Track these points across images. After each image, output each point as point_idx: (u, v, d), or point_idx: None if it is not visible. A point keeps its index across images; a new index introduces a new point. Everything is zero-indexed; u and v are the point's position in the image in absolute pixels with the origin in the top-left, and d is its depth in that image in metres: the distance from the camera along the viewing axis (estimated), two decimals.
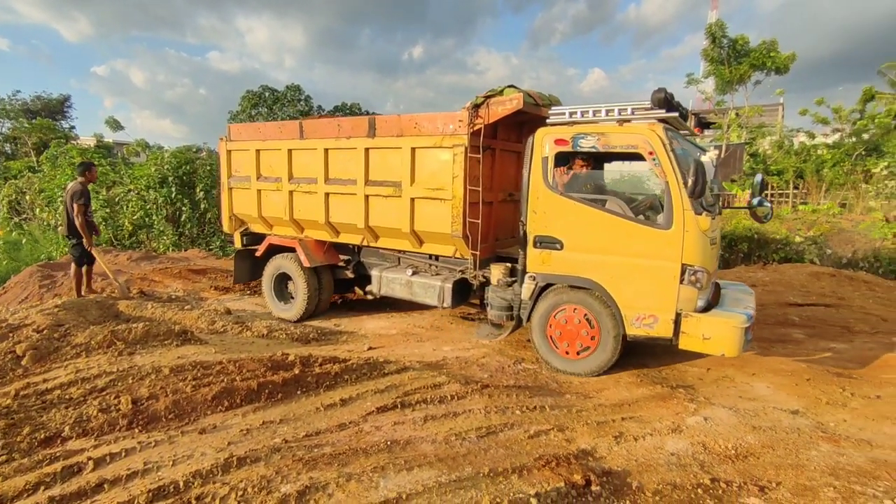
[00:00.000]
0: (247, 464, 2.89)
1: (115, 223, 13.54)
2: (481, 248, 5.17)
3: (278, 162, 6.37)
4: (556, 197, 4.65)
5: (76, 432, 3.22)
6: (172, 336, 5.16)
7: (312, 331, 5.88)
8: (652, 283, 4.31)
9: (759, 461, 3.17)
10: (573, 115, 4.63)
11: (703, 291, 4.24)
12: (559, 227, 4.68)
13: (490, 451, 3.17)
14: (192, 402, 3.62)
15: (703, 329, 4.17)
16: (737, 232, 11.19)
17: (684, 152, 4.46)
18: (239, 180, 6.89)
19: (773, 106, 28.54)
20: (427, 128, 5.21)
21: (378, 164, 5.58)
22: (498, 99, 4.87)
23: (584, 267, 4.59)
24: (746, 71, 20.20)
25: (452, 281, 5.43)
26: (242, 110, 32.74)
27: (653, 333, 4.34)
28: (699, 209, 4.13)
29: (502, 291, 5.10)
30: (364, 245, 6.16)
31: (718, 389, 4.38)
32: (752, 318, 4.30)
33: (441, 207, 5.16)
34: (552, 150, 4.62)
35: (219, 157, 7.32)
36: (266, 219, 6.78)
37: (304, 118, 7.02)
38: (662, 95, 4.26)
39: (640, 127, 4.34)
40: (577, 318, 4.65)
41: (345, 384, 4.08)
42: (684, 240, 4.12)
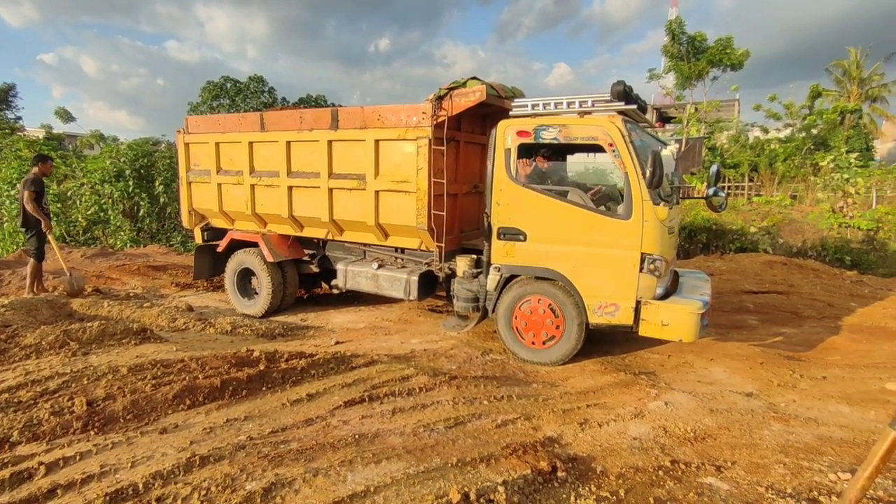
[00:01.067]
0: (210, 462, 2.83)
1: (67, 219, 12.94)
2: (447, 241, 5.18)
3: (239, 155, 6.23)
4: (518, 189, 4.70)
5: (26, 437, 3.07)
6: (131, 334, 4.98)
7: (278, 326, 5.78)
8: (613, 272, 4.41)
9: (716, 442, 3.30)
10: (535, 108, 4.66)
11: (661, 279, 4.37)
12: (522, 219, 4.72)
13: (458, 442, 3.20)
14: (152, 402, 3.51)
15: (661, 316, 4.30)
16: (696, 223, 11.57)
17: (643, 144, 4.55)
18: (198, 174, 6.70)
19: (729, 101, 29.56)
20: (391, 120, 5.17)
21: (342, 157, 5.52)
22: (461, 91, 4.87)
23: (547, 258, 4.66)
24: (704, 67, 20.86)
25: (418, 273, 5.41)
26: (203, 102, 31.70)
27: (614, 321, 4.45)
28: (657, 199, 4.24)
29: (468, 283, 5.13)
30: (329, 239, 6.10)
31: (678, 375, 4.54)
32: (707, 304, 4.45)
33: (406, 200, 5.14)
34: (514, 142, 4.66)
35: (176, 150, 7.10)
36: (227, 213, 6.64)
37: (268, 110, 6.86)
38: (621, 88, 4.34)
39: (600, 119, 4.42)
40: (541, 309, 4.71)
41: (312, 379, 4.03)
42: (643, 229, 4.23)
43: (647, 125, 5.33)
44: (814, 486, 2.78)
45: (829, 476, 2.88)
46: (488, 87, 4.86)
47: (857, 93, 26.27)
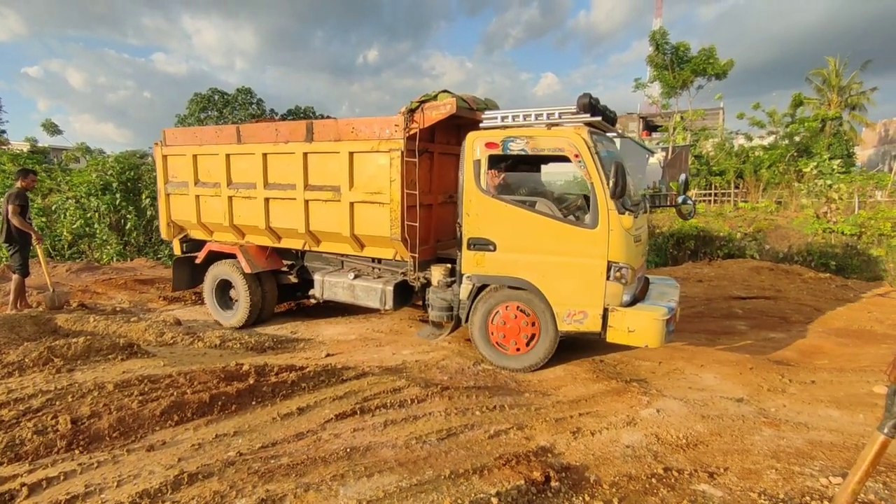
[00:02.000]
0: (199, 480, 2.77)
1: (52, 233, 12.77)
2: (421, 251, 5.24)
3: (216, 167, 6.26)
4: (487, 199, 4.77)
5: (7, 457, 2.99)
6: (117, 350, 4.90)
7: (268, 339, 5.72)
8: (580, 280, 4.48)
9: (709, 448, 3.31)
10: (505, 119, 4.75)
11: (628, 287, 4.45)
12: (491, 229, 4.79)
13: (451, 453, 3.18)
14: (139, 419, 3.44)
15: (627, 322, 4.37)
16: (684, 230, 11.71)
17: (610, 155, 4.65)
18: (176, 186, 6.72)
19: (714, 110, 30.08)
20: (364, 132, 5.23)
21: (317, 169, 5.57)
22: (432, 104, 4.97)
23: (516, 267, 4.72)
24: (688, 76, 21.25)
25: (393, 283, 5.46)
26: (191, 114, 31.58)
27: (583, 329, 4.53)
28: (622, 209, 4.33)
29: (442, 292, 5.20)
30: (307, 250, 6.11)
31: (670, 382, 4.55)
32: (673, 310, 4.53)
33: (379, 211, 5.20)
34: (483, 154, 4.75)
35: (154, 162, 7.09)
36: (206, 225, 6.65)
37: (245, 123, 6.87)
38: (587, 100, 4.44)
39: (566, 130, 4.50)
40: (513, 315, 4.80)
41: (302, 392, 3.98)
42: (609, 238, 4.32)
43: (616, 135, 5.43)
44: (806, 491, 2.79)
45: (820, 480, 2.89)
46: (459, 100, 4.95)
47: (837, 101, 26.83)
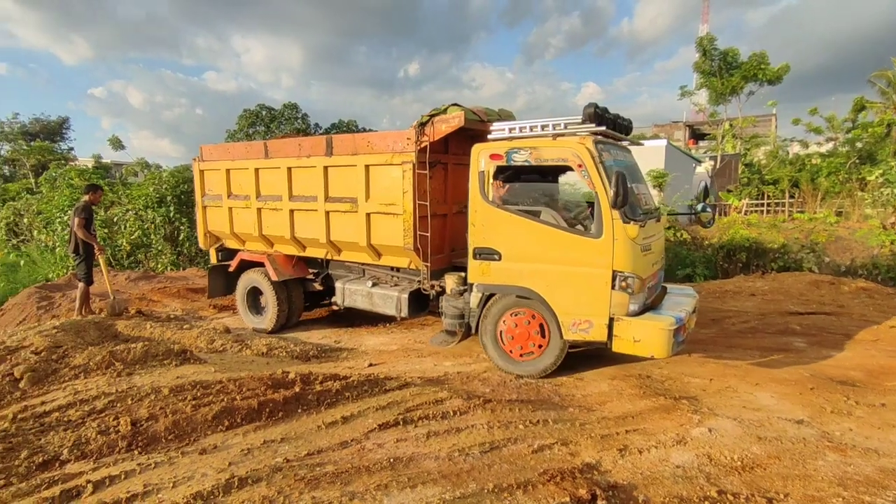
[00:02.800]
0: (248, 484, 2.85)
1: (113, 243, 13.55)
2: (435, 260, 5.40)
3: (246, 180, 6.63)
4: (492, 209, 4.85)
5: (75, 455, 3.18)
6: (171, 356, 5.12)
7: (312, 348, 5.85)
8: (585, 289, 4.47)
9: (766, 472, 3.14)
10: (512, 131, 4.80)
11: (635, 296, 4.40)
12: (497, 239, 4.86)
13: (494, 467, 3.14)
14: (193, 423, 3.58)
15: (633, 332, 4.34)
16: (735, 241, 11.22)
17: (620, 163, 4.70)
18: (212, 198, 7.14)
19: (766, 116, 28.90)
20: (379, 146, 5.45)
21: (336, 181, 5.82)
22: (441, 117, 5.10)
23: (521, 276, 4.76)
24: (738, 83, 20.54)
25: (409, 291, 5.63)
26: (240, 129, 32.93)
27: (588, 338, 4.52)
28: (627, 218, 4.32)
29: (455, 300, 5.27)
30: (329, 259, 6.39)
31: (722, 400, 4.35)
32: (682, 320, 4.46)
33: (393, 222, 5.38)
34: (488, 165, 4.84)
35: (186, 176, 7.47)
36: (238, 235, 7.01)
37: (272, 138, 7.19)
38: (592, 110, 4.47)
39: (570, 141, 4.53)
40: (523, 322, 4.85)
41: (346, 401, 4.04)
42: (614, 247, 4.31)
43: (631, 143, 5.51)
44: None
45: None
46: (468, 112, 5.09)
47: None
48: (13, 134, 28.83)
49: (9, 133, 28.73)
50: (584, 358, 5.39)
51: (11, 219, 16.08)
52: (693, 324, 5.05)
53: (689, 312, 4.76)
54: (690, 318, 4.83)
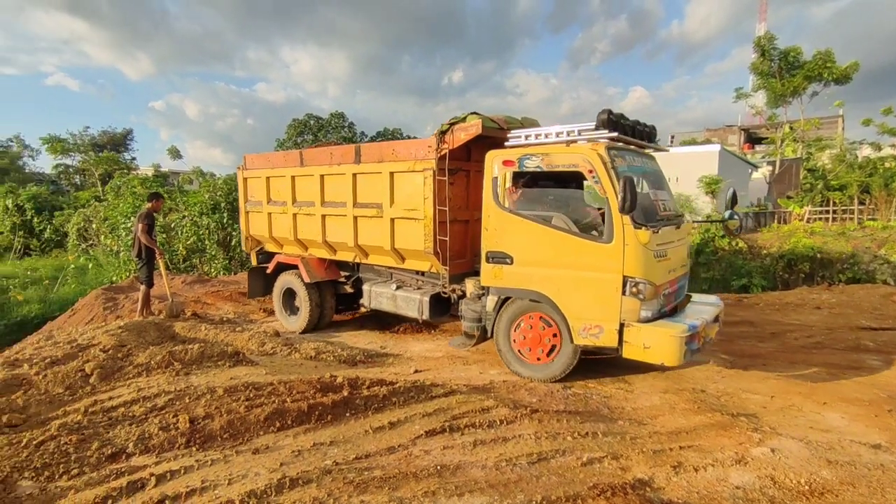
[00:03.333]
0: (299, 485, 2.91)
1: (170, 248, 14.26)
2: (456, 264, 5.54)
3: (284, 187, 6.97)
4: (505, 214, 4.96)
5: (139, 449, 3.35)
6: (225, 357, 5.32)
7: (359, 353, 5.94)
8: (596, 294, 4.48)
9: (838, 499, 2.93)
10: (528, 138, 4.89)
11: (647, 302, 4.36)
12: (509, 243, 4.96)
13: (542, 479, 3.08)
14: (246, 423, 3.70)
15: (643, 339, 4.31)
16: (796, 251, 10.63)
17: (633, 169, 4.75)
18: (253, 204, 7.56)
19: (831, 118, 27.31)
20: (402, 154, 5.66)
21: (363, 188, 6.06)
22: (461, 126, 5.24)
23: (532, 280, 4.82)
24: (801, 83, 19.48)
25: (430, 295, 5.77)
26: (289, 138, 34.09)
27: (599, 343, 4.50)
28: (638, 223, 4.29)
29: (473, 304, 5.39)
30: (358, 262, 6.62)
31: (785, 419, 4.11)
32: (695, 328, 4.37)
33: (415, 227, 5.56)
34: (501, 171, 4.98)
35: (237, 183, 8.03)
36: (276, 239, 7.40)
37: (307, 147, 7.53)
38: (605, 117, 4.47)
39: (581, 147, 4.58)
40: (535, 326, 4.90)
41: (393, 407, 4.07)
42: (625, 253, 4.30)
43: (654, 149, 5.55)
44: None
45: None
46: (485, 121, 5.21)
47: None
48: (84, 146, 30.98)
49: (80, 145, 30.88)
50: (633, 369, 5.23)
51: (82, 225, 17.21)
52: (714, 333, 4.96)
53: (706, 321, 4.66)
54: (709, 326, 4.74)
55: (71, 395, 4.36)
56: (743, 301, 9.29)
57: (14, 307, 11.18)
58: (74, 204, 20.35)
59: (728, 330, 7.17)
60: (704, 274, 11.21)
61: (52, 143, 28.13)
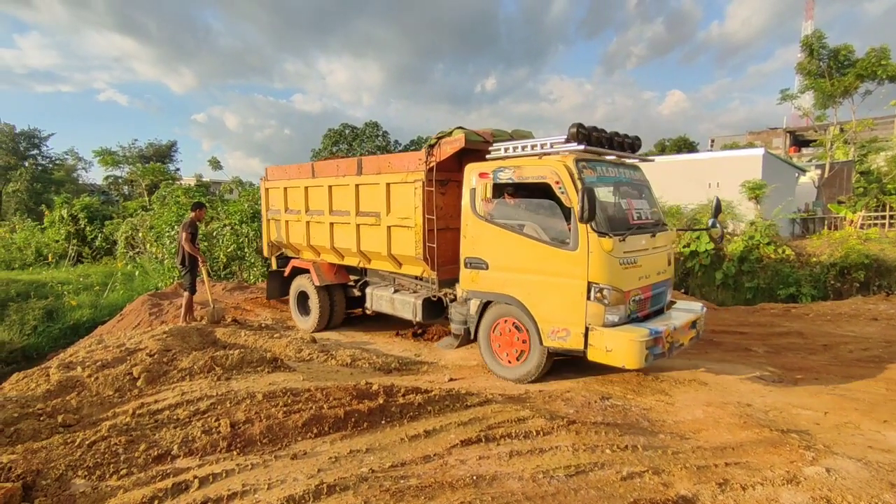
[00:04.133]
0: (336, 492, 2.93)
1: (211, 256, 14.73)
2: (447, 269, 5.85)
3: (299, 197, 7.55)
4: (481, 223, 5.31)
5: (183, 451, 3.45)
6: (264, 363, 5.43)
7: (394, 360, 5.97)
8: (562, 299, 4.71)
9: None
10: (507, 151, 5.22)
11: (612, 308, 4.54)
12: (484, 250, 5.32)
13: (580, 492, 3.01)
14: (284, 428, 3.76)
15: (606, 342, 4.50)
16: (850, 258, 10.11)
17: (604, 180, 5.04)
18: (273, 213, 8.19)
19: (886, 118, 25.94)
20: (397, 165, 6.10)
21: (364, 198, 6.52)
22: (447, 139, 5.59)
23: (505, 285, 5.14)
24: (852, 82, 18.56)
25: (423, 298, 6.13)
26: (324, 147, 34.82)
27: (566, 346, 4.73)
28: (602, 232, 4.50)
29: (461, 307, 5.70)
30: (362, 266, 7.07)
31: (840, 437, 3.89)
32: (658, 333, 4.51)
33: (408, 234, 5.95)
34: (478, 183, 5.35)
35: (259, 194, 8.69)
36: (292, 245, 7.95)
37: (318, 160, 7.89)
38: (575, 130, 4.73)
39: (550, 160, 4.87)
40: (508, 329, 5.21)
41: (428, 415, 4.07)
42: (589, 260, 4.51)
43: (641, 159, 5.73)
44: None
45: None
46: (469, 134, 5.53)
47: None
48: (132, 157, 32.52)
49: (129, 157, 32.43)
50: (674, 382, 5.07)
51: (129, 233, 18.01)
52: (687, 339, 5.12)
53: (674, 327, 4.78)
54: (679, 332, 4.87)
55: (120, 398, 4.54)
56: (791, 311, 8.89)
57: (68, 312, 11.76)
58: (123, 213, 21.34)
59: (775, 342, 6.86)
60: (749, 283, 10.80)
61: (104, 156, 29.64)
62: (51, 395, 4.55)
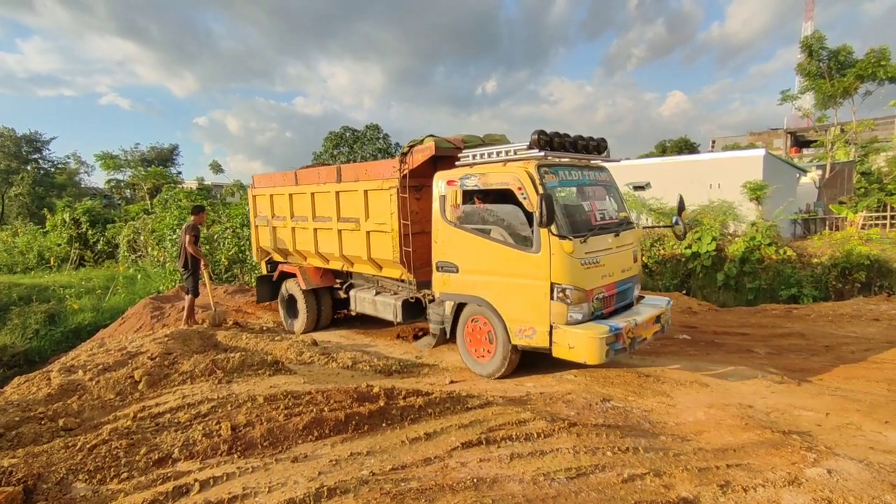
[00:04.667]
0: (336, 495, 2.93)
1: (213, 259, 14.75)
2: (424, 271, 6.02)
3: (284, 204, 7.75)
4: (451, 228, 5.54)
5: (184, 455, 3.45)
6: (265, 366, 5.43)
7: (395, 363, 5.97)
8: (528, 299, 4.93)
9: None
10: (475, 157, 5.39)
11: (575, 306, 4.75)
12: (454, 254, 5.55)
13: (581, 495, 3.00)
14: (285, 431, 3.76)
15: (568, 339, 4.71)
16: (851, 259, 10.09)
17: (567, 182, 5.27)
18: (261, 219, 8.41)
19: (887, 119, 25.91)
20: (373, 173, 6.32)
21: (345, 204, 6.73)
22: (418, 147, 5.79)
23: (475, 287, 5.38)
24: (852, 83, 18.56)
25: (402, 299, 6.37)
26: (325, 150, 34.82)
27: (532, 343, 4.96)
28: (562, 235, 4.67)
29: (438, 307, 5.90)
30: (345, 270, 7.31)
31: (842, 438, 3.88)
32: (618, 329, 4.72)
33: (385, 238, 6.18)
34: (446, 189, 5.57)
35: (247, 201, 8.85)
36: (279, 250, 8.19)
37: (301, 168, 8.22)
38: (536, 137, 4.89)
39: (513, 167, 5.05)
40: (479, 327, 5.45)
41: (429, 418, 4.06)
42: (551, 262, 4.71)
43: (608, 160, 5.89)
44: None
45: None
46: (439, 142, 5.72)
47: None
48: (134, 161, 32.55)
49: (130, 160, 32.46)
50: (676, 383, 5.06)
51: (131, 237, 18.04)
52: (650, 334, 5.33)
53: (637, 322, 5.01)
54: (641, 327, 5.09)
55: (121, 401, 4.55)
56: (793, 312, 8.87)
57: (70, 315, 11.79)
58: (125, 217, 21.36)
59: (777, 343, 6.85)
60: (750, 284, 10.78)
61: (106, 160, 29.71)
62: (52, 398, 4.56)
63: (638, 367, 5.60)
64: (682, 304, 9.97)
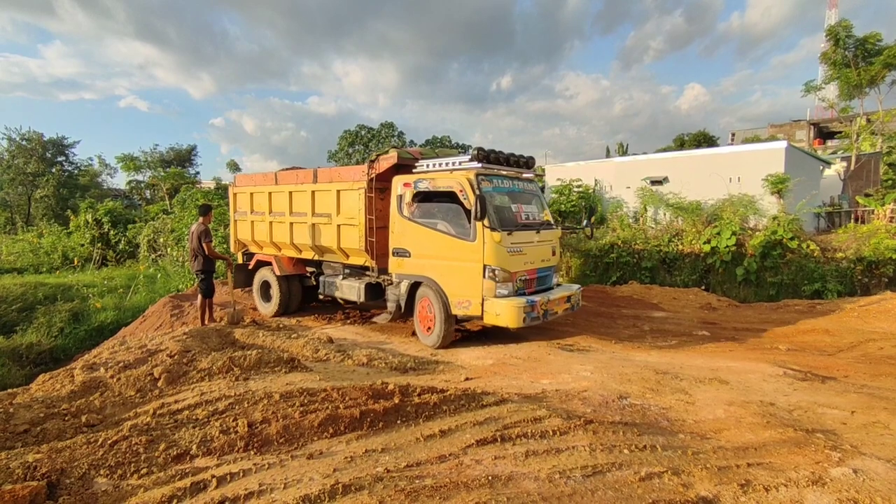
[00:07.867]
0: (351, 491, 2.94)
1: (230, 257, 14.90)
2: (383, 259, 7.25)
3: (263, 201, 8.88)
4: (405, 221, 6.89)
5: (202, 451, 3.49)
6: (281, 363, 5.48)
7: (410, 360, 5.97)
8: (466, 278, 6.25)
9: None
10: (429, 166, 6.81)
11: (501, 284, 6.11)
12: (408, 242, 6.90)
13: (598, 493, 2.96)
14: (301, 428, 3.78)
15: (496, 309, 6.06)
16: (878, 253, 9.80)
17: (499, 190, 6.59)
18: (240, 215, 9.50)
19: None
20: (345, 176, 7.61)
21: (319, 202, 7.90)
22: (384, 156, 7.13)
23: (423, 268, 6.73)
24: (879, 71, 17.98)
25: (365, 283, 7.61)
26: (340, 149, 35.06)
27: (468, 312, 6.31)
28: (493, 228, 5.98)
29: (395, 289, 7.18)
30: (318, 259, 8.40)
31: (868, 437, 3.77)
32: (534, 302, 6.10)
33: (353, 231, 7.39)
34: (402, 190, 6.92)
35: (228, 198, 10.07)
36: (257, 242, 9.26)
37: (282, 170, 9.20)
38: (476, 152, 6.40)
39: (457, 174, 6.41)
40: (426, 306, 6.70)
41: (444, 415, 4.05)
42: (484, 248, 6.08)
43: (535, 174, 7.57)
44: None
45: None
46: (401, 153, 7.09)
47: None
48: (153, 162, 33.17)
49: (150, 162, 33.08)
50: (694, 380, 4.97)
51: (151, 236, 18.36)
52: (560, 310, 6.68)
53: (550, 299, 6.40)
54: (553, 303, 6.44)
55: (141, 398, 4.63)
56: (816, 307, 8.67)
57: (93, 314, 12.04)
58: (145, 217, 21.75)
59: (800, 339, 6.70)
60: (772, 279, 10.55)
61: (126, 162, 30.31)
62: (75, 395, 4.66)
63: (655, 365, 5.52)
64: (700, 300, 9.80)
